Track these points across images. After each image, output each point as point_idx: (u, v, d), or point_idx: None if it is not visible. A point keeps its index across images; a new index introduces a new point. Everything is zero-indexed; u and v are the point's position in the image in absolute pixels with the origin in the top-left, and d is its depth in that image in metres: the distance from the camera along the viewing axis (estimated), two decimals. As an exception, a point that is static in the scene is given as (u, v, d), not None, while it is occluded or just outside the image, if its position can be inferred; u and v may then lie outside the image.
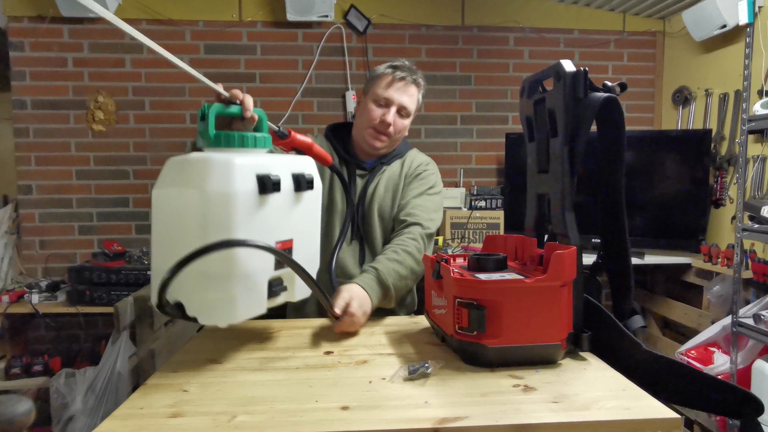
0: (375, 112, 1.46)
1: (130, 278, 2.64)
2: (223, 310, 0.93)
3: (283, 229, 1.00)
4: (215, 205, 0.89)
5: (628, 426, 0.74)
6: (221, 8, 3.12)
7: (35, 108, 3.05)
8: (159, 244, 0.96)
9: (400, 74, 1.46)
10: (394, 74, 1.46)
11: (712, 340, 2.44)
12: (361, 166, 1.53)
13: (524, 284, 0.90)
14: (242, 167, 0.90)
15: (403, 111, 1.47)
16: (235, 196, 0.89)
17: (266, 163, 0.95)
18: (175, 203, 0.92)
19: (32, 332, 3.08)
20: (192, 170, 0.91)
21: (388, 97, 1.45)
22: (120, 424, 0.74)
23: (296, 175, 1.02)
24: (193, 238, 0.87)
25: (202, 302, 0.92)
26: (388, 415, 0.76)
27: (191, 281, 0.88)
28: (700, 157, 2.83)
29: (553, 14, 3.31)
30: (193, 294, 0.91)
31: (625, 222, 1.05)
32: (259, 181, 0.92)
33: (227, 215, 0.89)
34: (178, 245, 0.87)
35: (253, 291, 0.96)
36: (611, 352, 0.97)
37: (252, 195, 0.91)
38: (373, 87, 1.49)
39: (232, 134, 0.98)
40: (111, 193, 3.13)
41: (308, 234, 1.09)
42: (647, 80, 3.41)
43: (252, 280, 0.95)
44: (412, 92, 1.49)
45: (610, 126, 1.03)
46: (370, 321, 1.26)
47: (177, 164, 0.94)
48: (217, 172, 0.89)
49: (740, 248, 2.22)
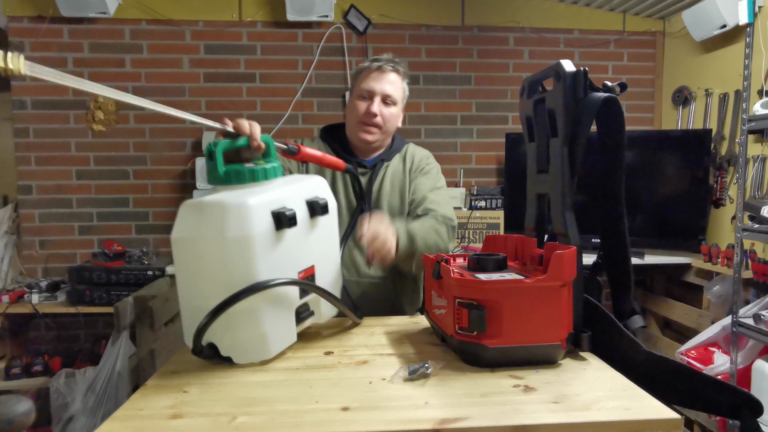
0: (360, 106, 1.46)
1: (130, 278, 2.64)
2: (256, 348, 0.94)
3: (303, 258, 1.00)
4: (234, 249, 0.89)
5: (628, 426, 0.74)
6: (221, 8, 3.12)
7: (35, 108, 3.05)
8: (184, 287, 0.96)
9: (377, 64, 1.47)
10: (371, 66, 1.48)
11: (712, 340, 2.44)
12: (362, 164, 1.53)
13: (524, 284, 0.90)
14: (257, 208, 0.91)
15: (387, 99, 1.47)
16: (253, 238, 0.89)
17: (279, 197, 0.95)
18: (194, 249, 0.92)
19: (32, 332, 3.08)
20: (208, 215, 0.91)
21: (369, 88, 1.46)
22: (120, 426, 0.74)
23: (310, 201, 1.02)
24: (216, 282, 0.89)
25: (235, 342, 0.93)
26: (388, 415, 0.76)
27: (222, 322, 0.89)
28: (700, 157, 2.83)
29: (553, 14, 3.31)
30: (225, 335, 0.92)
31: (625, 222, 1.05)
32: (275, 217, 0.93)
33: (247, 257, 0.90)
34: (204, 289, 0.90)
35: (283, 323, 0.97)
36: (611, 352, 0.97)
37: (269, 233, 0.92)
38: (355, 84, 1.50)
39: (242, 170, 0.97)
40: (111, 193, 3.13)
41: (329, 256, 1.10)
42: (647, 80, 3.41)
43: (280, 314, 0.96)
44: (393, 79, 1.48)
45: (610, 126, 1.03)
46: (370, 321, 1.26)
47: (192, 209, 0.93)
48: (232, 216, 0.89)
49: (740, 248, 2.22)
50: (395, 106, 1.50)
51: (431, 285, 1.10)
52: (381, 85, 1.46)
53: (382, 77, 1.46)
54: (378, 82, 1.46)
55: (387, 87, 1.46)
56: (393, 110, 1.49)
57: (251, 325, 0.92)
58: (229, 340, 0.93)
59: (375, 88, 1.46)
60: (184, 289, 0.97)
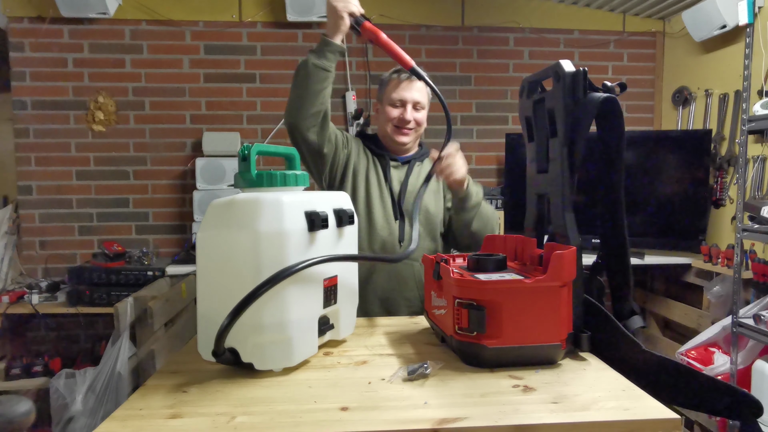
0: (393, 112, 1.59)
1: (130, 279, 2.64)
2: (280, 354, 0.92)
3: (329, 265, 0.99)
4: (268, 245, 0.88)
5: (628, 426, 0.74)
6: (221, 9, 3.12)
7: (35, 108, 3.05)
8: (207, 288, 0.95)
9: (405, 75, 1.59)
10: (399, 77, 1.59)
11: (712, 341, 2.44)
12: (395, 159, 1.65)
13: (524, 284, 0.90)
14: (291, 205, 0.91)
15: (417, 105, 1.60)
16: (287, 234, 0.89)
17: (311, 200, 0.96)
18: (224, 246, 0.91)
19: (32, 333, 3.08)
20: (241, 211, 0.90)
21: (401, 98, 1.58)
22: (119, 425, 0.74)
23: (338, 210, 1.03)
24: (245, 279, 0.87)
25: (257, 347, 0.91)
26: (387, 415, 0.75)
27: (245, 327, 0.87)
28: (700, 157, 2.83)
29: (553, 14, 3.31)
30: (247, 339, 0.90)
31: (624, 222, 1.05)
32: (308, 218, 0.93)
33: (280, 253, 0.89)
34: (230, 289, 0.87)
35: (307, 332, 0.96)
36: (610, 352, 0.97)
37: (302, 232, 0.92)
38: (385, 93, 1.61)
39: (275, 174, 0.98)
40: (111, 193, 3.13)
41: (350, 268, 1.10)
42: (647, 80, 3.41)
43: (305, 320, 0.95)
44: (419, 86, 1.60)
45: (609, 126, 1.03)
46: (369, 321, 1.26)
47: (223, 206, 0.93)
48: (268, 211, 0.89)
49: (740, 248, 2.22)
50: (424, 110, 1.63)
51: (431, 285, 1.10)
52: (411, 93, 1.58)
53: (411, 86, 1.58)
54: (408, 91, 1.58)
55: (416, 95, 1.59)
56: (423, 114, 1.63)
57: (277, 329, 0.90)
58: (253, 345, 0.90)
59: (406, 97, 1.58)
60: (207, 289, 0.95)
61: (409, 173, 1.63)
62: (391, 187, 1.59)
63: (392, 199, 1.59)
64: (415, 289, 1.55)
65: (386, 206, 1.58)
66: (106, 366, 2.30)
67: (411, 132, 1.61)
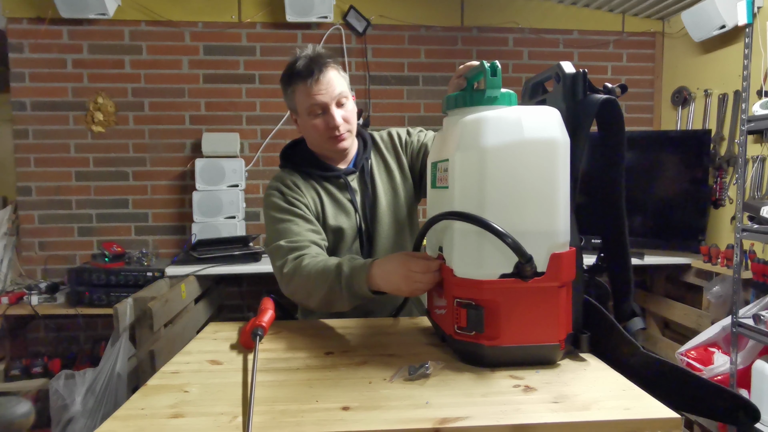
0: (319, 123, 1.33)
1: (130, 280, 2.64)
2: None
3: None
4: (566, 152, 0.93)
5: (628, 426, 0.74)
6: (221, 9, 3.12)
7: (34, 109, 3.05)
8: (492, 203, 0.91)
9: (312, 78, 1.29)
10: (305, 80, 1.30)
11: (712, 341, 2.44)
12: (348, 171, 1.42)
13: (522, 285, 0.90)
14: None
15: (341, 100, 1.33)
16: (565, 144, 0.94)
17: None
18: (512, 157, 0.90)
19: (32, 334, 3.08)
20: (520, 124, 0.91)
21: (319, 102, 1.30)
22: (121, 425, 0.74)
23: None
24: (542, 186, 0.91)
25: None
26: (388, 415, 0.76)
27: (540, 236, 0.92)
28: (700, 157, 2.83)
29: (552, 15, 3.31)
30: None
31: (625, 223, 1.05)
32: None
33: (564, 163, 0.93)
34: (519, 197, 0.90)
35: None
36: (610, 353, 0.97)
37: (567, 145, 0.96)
38: (297, 103, 1.35)
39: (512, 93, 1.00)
40: (110, 194, 3.13)
41: None
42: (647, 81, 3.41)
43: None
44: (332, 76, 1.31)
45: (609, 127, 1.03)
46: (369, 322, 1.26)
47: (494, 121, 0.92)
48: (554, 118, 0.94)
49: (740, 248, 2.22)
50: (347, 98, 1.36)
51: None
52: (328, 91, 1.30)
53: (322, 83, 1.30)
54: (321, 92, 1.30)
55: (332, 90, 1.31)
56: (349, 105, 1.36)
57: None
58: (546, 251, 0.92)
59: (324, 99, 1.30)
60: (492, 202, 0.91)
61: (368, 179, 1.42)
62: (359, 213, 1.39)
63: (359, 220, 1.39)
64: None
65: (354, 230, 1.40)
66: (106, 367, 2.30)
67: (348, 134, 1.36)
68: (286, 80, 1.35)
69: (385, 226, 1.42)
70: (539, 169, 0.91)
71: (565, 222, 0.94)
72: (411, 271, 1.03)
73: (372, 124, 3.18)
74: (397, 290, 1.07)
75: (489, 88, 0.97)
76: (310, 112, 1.32)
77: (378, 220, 1.42)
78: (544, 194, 0.91)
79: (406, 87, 3.23)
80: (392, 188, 1.45)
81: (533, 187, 0.91)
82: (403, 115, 3.21)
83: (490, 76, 0.97)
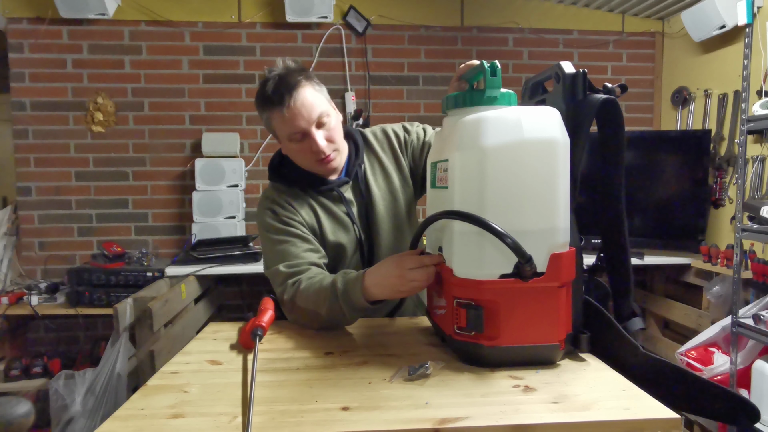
0: (302, 149, 1.26)
1: (130, 280, 2.64)
2: None
3: None
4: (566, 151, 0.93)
5: (628, 426, 0.74)
6: (220, 9, 3.12)
7: (34, 109, 3.05)
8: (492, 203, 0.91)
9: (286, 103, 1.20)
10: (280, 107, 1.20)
11: (712, 341, 2.44)
12: (340, 182, 1.35)
13: (522, 285, 0.90)
14: None
15: (321, 120, 1.24)
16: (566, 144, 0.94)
17: None
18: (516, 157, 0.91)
19: (32, 334, 3.08)
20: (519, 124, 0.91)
21: (298, 129, 1.22)
22: (121, 425, 0.74)
23: None
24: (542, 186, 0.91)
25: None
26: (388, 415, 0.76)
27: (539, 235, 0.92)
28: (700, 157, 2.83)
29: (552, 15, 3.31)
30: None
31: (625, 223, 1.05)
32: None
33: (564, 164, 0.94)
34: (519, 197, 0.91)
35: None
36: (609, 353, 0.97)
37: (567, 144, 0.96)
38: (275, 129, 1.28)
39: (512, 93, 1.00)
40: (110, 194, 3.13)
41: None
42: (646, 81, 3.41)
43: None
44: (306, 95, 1.22)
45: (609, 127, 1.03)
46: (369, 322, 1.26)
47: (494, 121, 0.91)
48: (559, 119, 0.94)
49: (740, 248, 2.22)
50: (330, 116, 1.26)
51: (432, 285, 1.10)
52: (304, 116, 1.21)
53: (298, 106, 1.20)
54: (300, 117, 1.20)
55: (313, 112, 1.22)
56: (331, 121, 1.27)
57: None
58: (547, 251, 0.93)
59: (302, 125, 1.21)
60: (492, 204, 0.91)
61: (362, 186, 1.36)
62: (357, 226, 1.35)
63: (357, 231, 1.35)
64: None
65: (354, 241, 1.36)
66: (106, 367, 2.30)
67: (335, 154, 1.28)
68: (260, 105, 1.26)
69: (384, 234, 1.38)
70: (539, 169, 0.91)
71: (564, 222, 0.94)
72: (404, 269, 1.02)
73: (372, 124, 3.16)
74: (394, 292, 1.06)
75: (489, 88, 0.97)
76: (291, 139, 1.25)
77: (377, 229, 1.37)
78: (543, 194, 0.91)
79: (406, 87, 3.23)
80: (389, 191, 1.40)
81: (533, 187, 0.91)
82: (403, 115, 3.21)
83: (490, 76, 0.97)
